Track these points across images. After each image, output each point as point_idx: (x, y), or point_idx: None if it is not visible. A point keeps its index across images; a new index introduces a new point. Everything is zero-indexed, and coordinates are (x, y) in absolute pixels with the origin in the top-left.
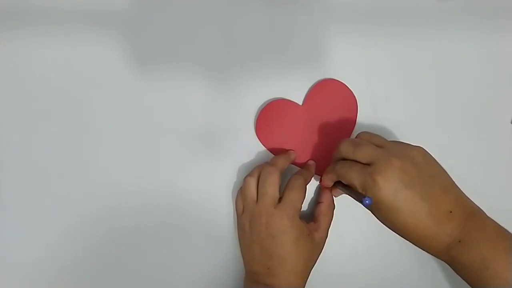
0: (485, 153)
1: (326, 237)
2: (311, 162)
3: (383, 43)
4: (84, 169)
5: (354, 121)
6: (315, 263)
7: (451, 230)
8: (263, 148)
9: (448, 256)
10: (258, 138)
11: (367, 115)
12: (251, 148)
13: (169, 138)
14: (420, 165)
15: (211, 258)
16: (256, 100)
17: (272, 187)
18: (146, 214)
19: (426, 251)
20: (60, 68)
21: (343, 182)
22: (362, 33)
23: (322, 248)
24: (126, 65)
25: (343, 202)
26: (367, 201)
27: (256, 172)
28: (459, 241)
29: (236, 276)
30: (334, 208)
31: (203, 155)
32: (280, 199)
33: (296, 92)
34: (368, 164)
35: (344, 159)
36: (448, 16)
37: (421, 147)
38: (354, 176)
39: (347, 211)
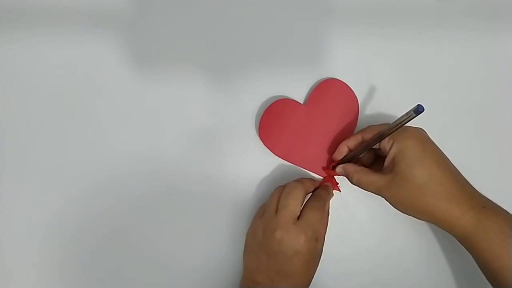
0: (484, 153)
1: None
2: (329, 184)
3: (384, 43)
4: (83, 169)
5: (355, 121)
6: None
7: (471, 193)
8: (264, 147)
9: (471, 219)
10: (260, 138)
11: (368, 115)
12: (252, 147)
13: (169, 138)
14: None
15: (210, 258)
16: (256, 99)
17: (294, 201)
18: (145, 213)
19: (443, 221)
20: (60, 69)
21: (368, 138)
22: (363, 33)
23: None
24: (126, 65)
25: (343, 203)
26: (420, 109)
27: (285, 185)
28: (483, 207)
29: (234, 278)
30: (329, 215)
31: (203, 155)
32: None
33: (297, 92)
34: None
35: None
36: (448, 17)
37: None
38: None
39: (347, 211)
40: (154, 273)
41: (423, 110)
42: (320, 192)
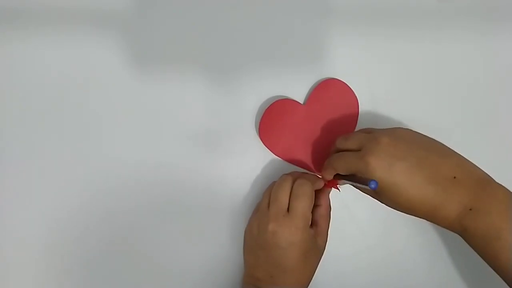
0: (485, 152)
1: (327, 240)
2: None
3: (384, 43)
4: (83, 169)
5: (355, 121)
6: (317, 266)
7: (459, 197)
8: (264, 147)
9: (460, 226)
10: (260, 138)
11: (368, 115)
12: (252, 147)
13: (168, 138)
14: (408, 139)
15: (210, 258)
16: (256, 99)
17: (283, 193)
18: (145, 213)
19: (438, 224)
20: (60, 69)
21: (341, 173)
22: (363, 34)
23: (324, 251)
24: (126, 65)
25: (343, 202)
26: (373, 185)
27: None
28: (470, 209)
29: (234, 277)
30: (331, 210)
31: (203, 155)
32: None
33: (297, 92)
34: (359, 150)
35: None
36: (448, 17)
37: (403, 127)
38: (347, 164)
39: (347, 211)
40: (153, 273)
41: (375, 187)
42: (307, 176)
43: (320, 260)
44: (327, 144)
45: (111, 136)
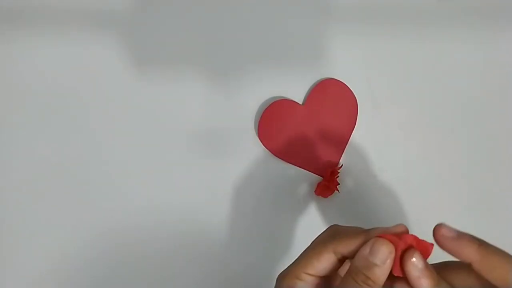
0: (485, 153)
1: None
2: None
3: (383, 43)
4: (82, 169)
5: (354, 121)
6: None
7: None
8: (263, 148)
9: None
10: (259, 138)
11: (367, 115)
12: (251, 148)
13: (167, 138)
14: None
15: (209, 259)
16: (256, 99)
17: None
18: (143, 214)
19: None
20: (59, 69)
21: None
22: (362, 33)
23: None
24: (126, 65)
25: (343, 203)
26: None
27: None
28: None
29: (233, 279)
30: None
31: (202, 155)
32: None
33: (296, 92)
34: None
35: None
36: (448, 16)
37: None
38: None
39: (347, 211)
40: (154, 269)
41: None
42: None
43: None
44: (325, 144)
45: (111, 135)
